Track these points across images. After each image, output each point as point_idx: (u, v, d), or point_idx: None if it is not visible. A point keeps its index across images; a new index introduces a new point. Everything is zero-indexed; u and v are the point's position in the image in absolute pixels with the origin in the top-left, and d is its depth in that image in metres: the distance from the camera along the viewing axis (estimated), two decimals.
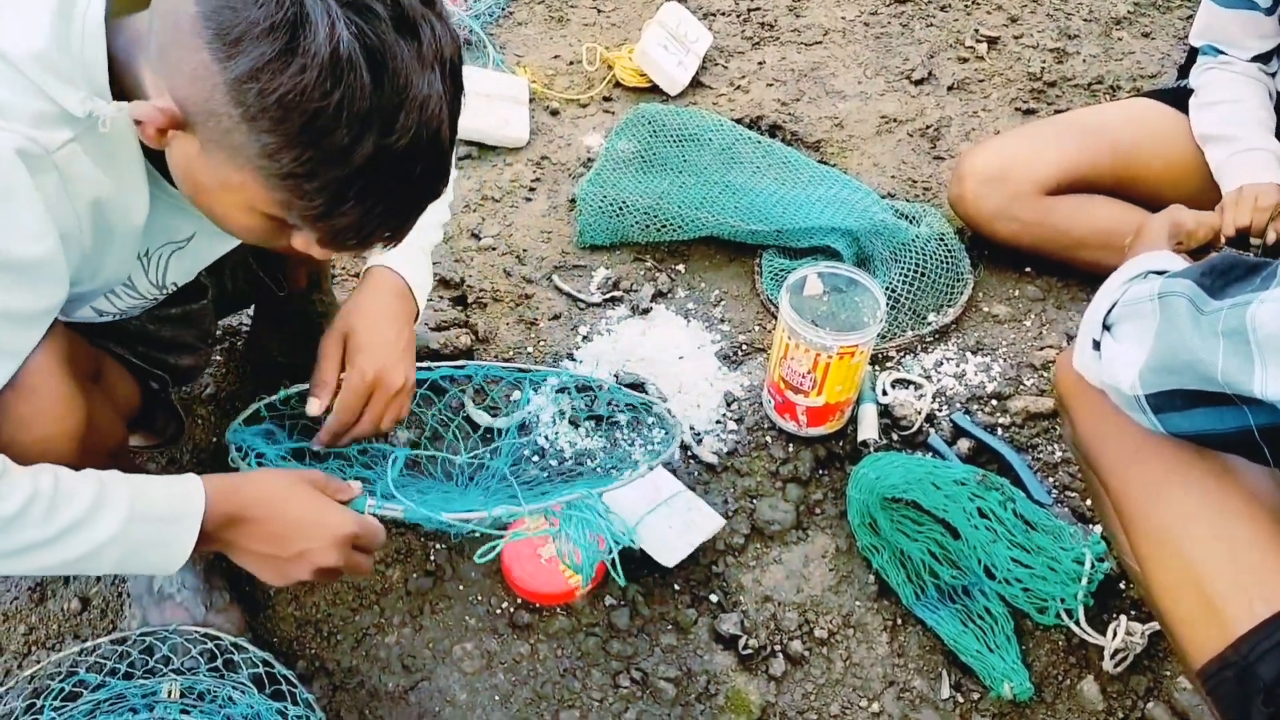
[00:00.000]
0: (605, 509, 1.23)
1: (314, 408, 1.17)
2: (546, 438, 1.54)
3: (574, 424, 1.56)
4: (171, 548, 0.96)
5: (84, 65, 0.85)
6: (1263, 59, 1.64)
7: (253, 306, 1.52)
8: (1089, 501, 1.45)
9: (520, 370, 1.60)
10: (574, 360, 1.66)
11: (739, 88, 2.12)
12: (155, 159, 0.93)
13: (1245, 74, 1.64)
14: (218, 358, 1.59)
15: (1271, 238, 1.41)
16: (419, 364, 1.33)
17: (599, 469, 1.50)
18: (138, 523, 0.93)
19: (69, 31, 0.85)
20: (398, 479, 1.24)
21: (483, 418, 1.55)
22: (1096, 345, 1.06)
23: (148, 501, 0.95)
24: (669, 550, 1.37)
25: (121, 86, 0.88)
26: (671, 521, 1.40)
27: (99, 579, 1.36)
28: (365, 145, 0.82)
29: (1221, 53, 1.66)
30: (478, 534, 1.16)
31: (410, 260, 1.25)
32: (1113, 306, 1.05)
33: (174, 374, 1.22)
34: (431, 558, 1.40)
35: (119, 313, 1.06)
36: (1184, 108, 1.70)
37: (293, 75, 0.78)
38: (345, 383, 1.18)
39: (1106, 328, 1.06)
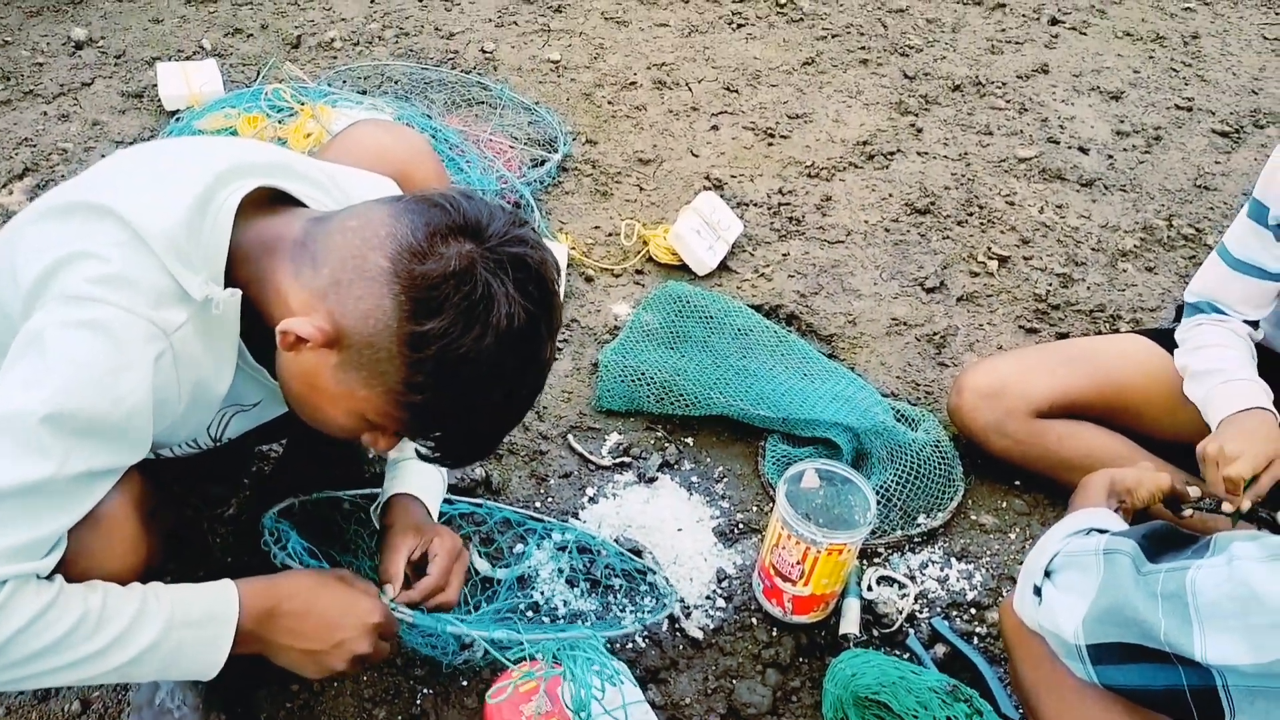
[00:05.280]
0: (607, 650, 1.31)
1: (389, 594, 1.27)
2: (543, 593, 1.61)
3: (570, 584, 1.63)
4: (211, 649, 1.05)
5: (207, 252, 0.99)
6: (1253, 323, 1.71)
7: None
8: None
9: (532, 517, 1.68)
10: (579, 520, 1.74)
11: (763, 275, 2.26)
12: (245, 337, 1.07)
13: (1236, 331, 1.70)
14: (244, 479, 1.68)
15: (1245, 505, 1.45)
16: None
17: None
18: (177, 628, 1.02)
19: (202, 222, 0.99)
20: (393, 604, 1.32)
21: (483, 565, 1.63)
22: (1037, 591, 1.14)
23: (185, 607, 1.04)
24: None
25: (233, 273, 1.01)
26: None
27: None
28: (495, 395, 0.99)
29: (1219, 310, 1.72)
30: (473, 663, 1.24)
31: (433, 489, 1.43)
32: (1054, 556, 1.14)
33: (207, 501, 1.32)
34: (418, 702, 1.46)
35: (173, 456, 1.17)
36: (1175, 347, 1.81)
37: (474, 339, 0.95)
38: (439, 549, 1.30)
39: (1048, 575, 1.14)
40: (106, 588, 1.00)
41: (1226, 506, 1.45)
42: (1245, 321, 1.70)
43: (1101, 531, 1.16)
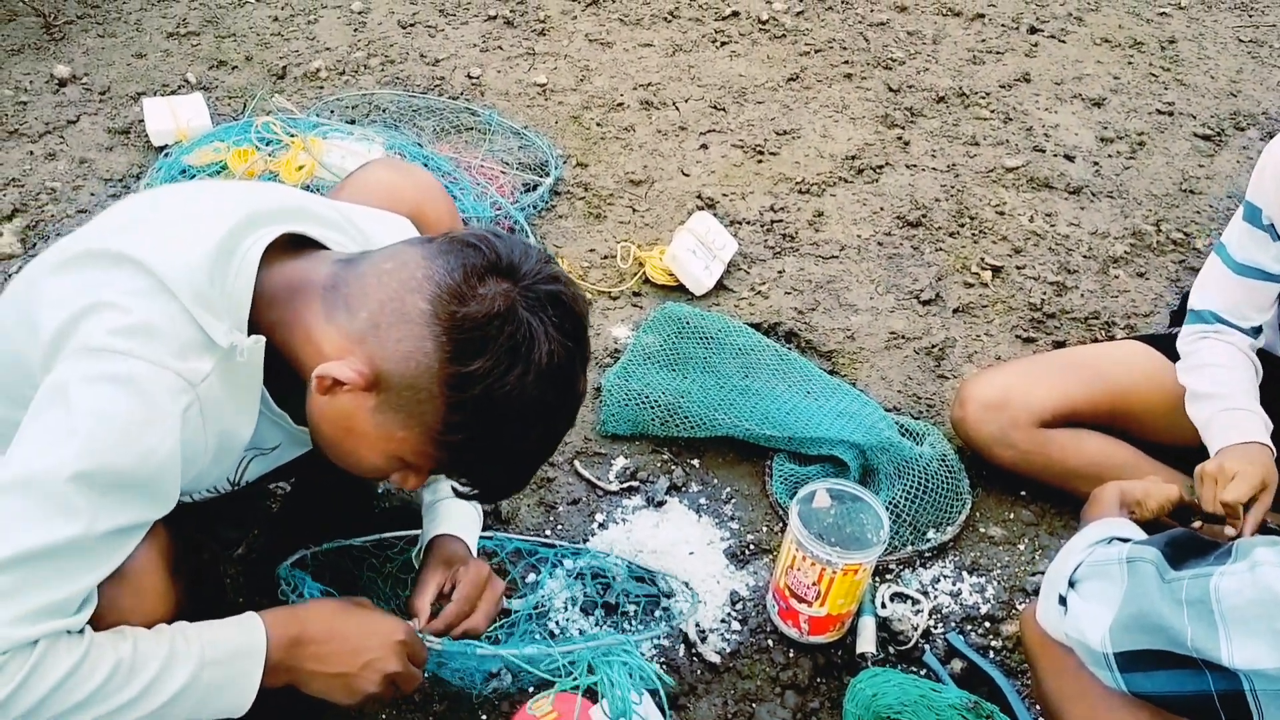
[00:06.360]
0: (637, 654, 1.33)
1: (416, 626, 1.27)
2: (558, 623, 1.61)
3: (585, 611, 1.63)
4: (242, 684, 1.05)
5: (231, 300, 0.99)
6: (1254, 332, 1.69)
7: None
8: None
9: (544, 544, 1.68)
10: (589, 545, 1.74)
11: (759, 293, 2.27)
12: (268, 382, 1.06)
13: (1238, 346, 1.67)
14: (256, 518, 1.67)
15: (1248, 531, 1.44)
16: None
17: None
18: (208, 667, 1.02)
19: (226, 269, 0.98)
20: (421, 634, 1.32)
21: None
22: (1062, 600, 1.15)
23: (214, 645, 1.04)
24: None
25: (256, 319, 1.01)
26: None
27: None
28: (534, 431, 1.00)
29: (1221, 320, 1.69)
30: (502, 689, 1.27)
31: (471, 527, 1.43)
32: (1078, 565, 1.15)
33: (220, 544, 1.31)
34: None
35: (191, 502, 1.16)
36: (1173, 353, 1.81)
37: (518, 378, 0.96)
38: (464, 577, 1.30)
39: (1072, 584, 1.15)
40: (135, 634, 1.00)
41: (1229, 530, 1.45)
42: (1250, 329, 1.69)
43: (1123, 540, 1.17)
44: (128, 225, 1.03)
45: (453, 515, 1.41)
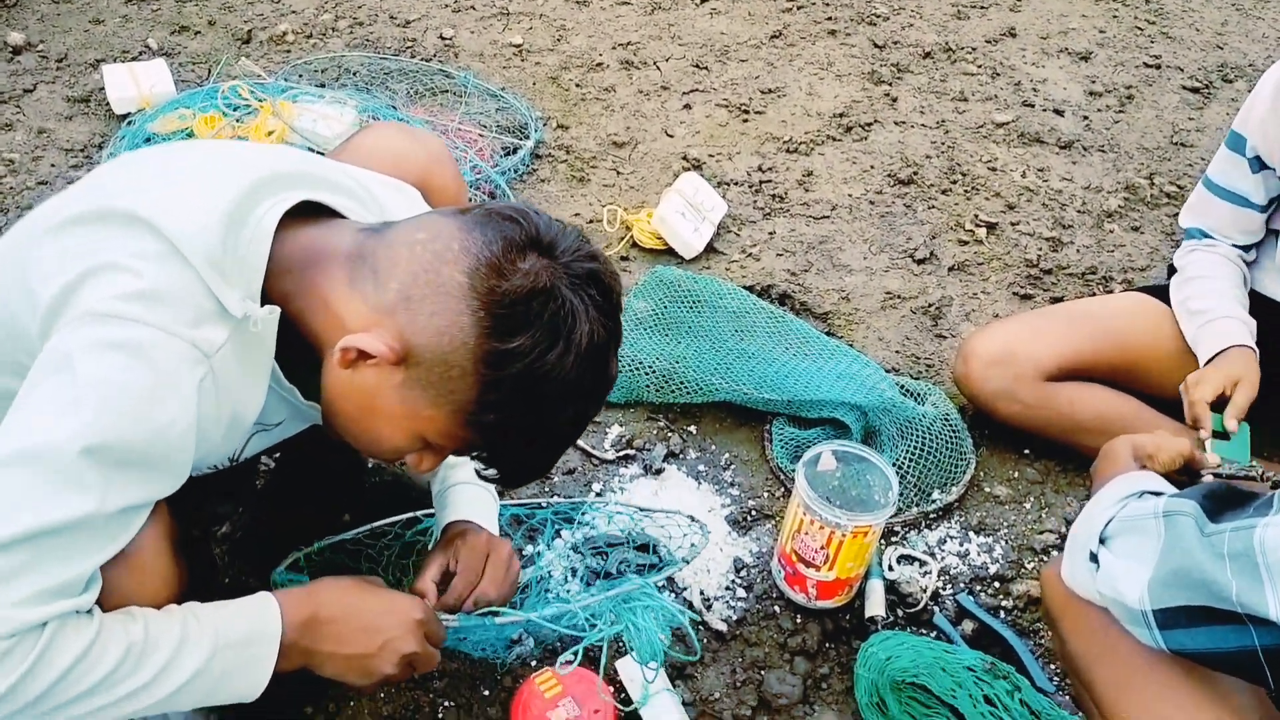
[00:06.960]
0: (659, 594, 1.32)
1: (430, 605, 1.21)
2: (558, 595, 1.55)
3: (586, 583, 1.57)
4: (257, 668, 0.99)
5: (244, 266, 0.92)
6: (1244, 248, 1.76)
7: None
8: None
9: (540, 506, 1.63)
10: (584, 516, 1.68)
11: (751, 255, 2.21)
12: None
13: (1227, 256, 1.76)
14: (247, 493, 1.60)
15: (1232, 425, 1.54)
16: None
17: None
18: (222, 651, 0.96)
19: (239, 235, 0.92)
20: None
21: None
22: (1094, 558, 1.10)
23: (228, 627, 0.98)
24: None
25: (269, 288, 0.94)
26: None
27: None
28: (568, 412, 0.96)
29: (1208, 236, 1.77)
30: (526, 655, 1.27)
31: (486, 511, 1.36)
32: (1109, 521, 1.10)
33: (211, 520, 1.25)
34: (439, 716, 1.39)
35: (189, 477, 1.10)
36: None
37: (558, 357, 0.91)
38: (464, 547, 1.24)
39: (1102, 541, 1.10)
40: (146, 616, 0.94)
41: (1202, 433, 1.53)
42: (1235, 246, 1.75)
43: (1155, 494, 1.13)
44: (134, 183, 0.95)
45: (466, 500, 1.34)
